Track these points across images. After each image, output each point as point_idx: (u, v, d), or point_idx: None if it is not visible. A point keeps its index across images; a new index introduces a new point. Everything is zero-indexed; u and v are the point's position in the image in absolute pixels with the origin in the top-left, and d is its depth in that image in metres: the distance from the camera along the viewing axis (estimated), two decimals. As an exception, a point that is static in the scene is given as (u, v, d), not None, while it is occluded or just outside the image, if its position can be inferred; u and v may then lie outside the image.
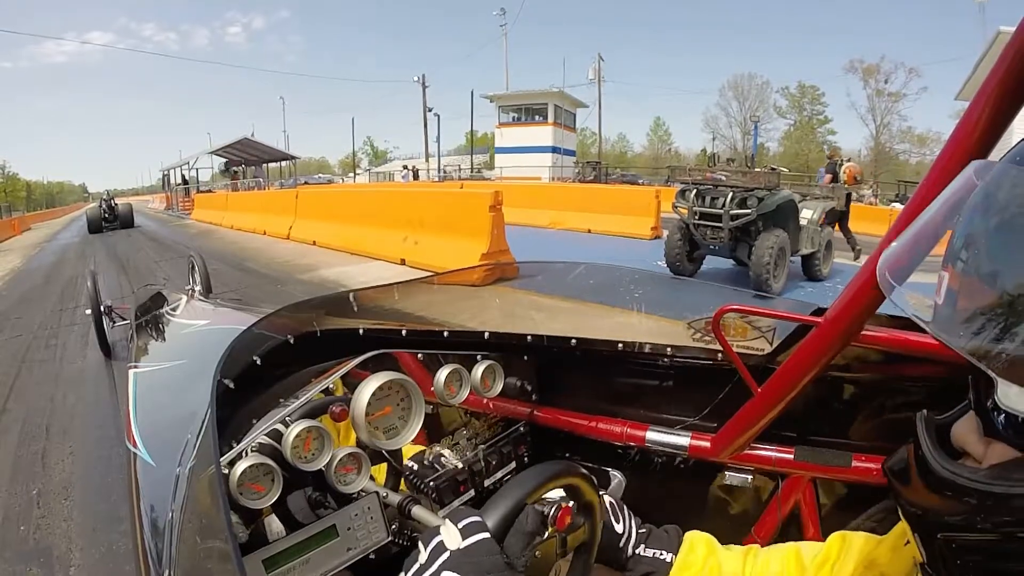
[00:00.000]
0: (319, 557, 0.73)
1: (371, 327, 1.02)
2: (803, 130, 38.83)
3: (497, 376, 1.03)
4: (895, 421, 0.86)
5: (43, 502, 2.13)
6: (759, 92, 39.31)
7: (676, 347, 1.00)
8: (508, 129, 27.23)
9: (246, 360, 0.85)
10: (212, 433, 0.61)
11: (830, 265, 6.44)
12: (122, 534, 1.87)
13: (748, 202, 5.20)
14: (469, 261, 5.58)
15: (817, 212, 6.00)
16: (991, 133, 0.52)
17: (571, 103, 28.47)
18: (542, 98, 26.44)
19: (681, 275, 5.55)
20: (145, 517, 0.68)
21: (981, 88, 0.51)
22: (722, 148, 37.61)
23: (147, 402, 1.08)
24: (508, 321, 1.27)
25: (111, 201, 15.78)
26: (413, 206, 7.27)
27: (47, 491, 2.21)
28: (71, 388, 3.24)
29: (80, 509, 2.09)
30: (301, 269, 6.89)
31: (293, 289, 5.72)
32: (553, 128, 26.13)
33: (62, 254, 11.03)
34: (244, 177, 25.40)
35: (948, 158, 0.55)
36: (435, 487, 0.93)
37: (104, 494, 2.13)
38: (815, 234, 5.99)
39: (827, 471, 0.87)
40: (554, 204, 11.21)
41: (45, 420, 2.83)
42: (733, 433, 0.88)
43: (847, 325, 0.70)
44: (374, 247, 7.13)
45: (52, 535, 1.93)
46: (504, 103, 27.34)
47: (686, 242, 5.79)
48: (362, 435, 0.80)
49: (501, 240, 6.02)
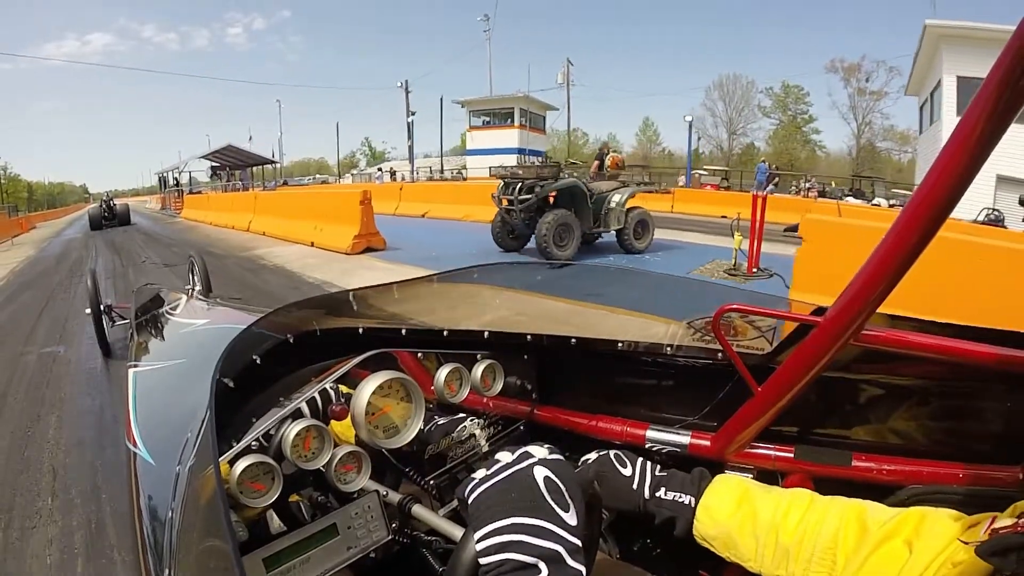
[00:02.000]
0: (319, 556, 0.73)
1: (371, 326, 1.03)
2: (788, 129, 39.05)
3: (497, 375, 1.03)
4: (894, 420, 0.86)
5: (63, 338, 4.63)
6: (744, 92, 39.78)
7: (676, 346, 1.00)
8: (478, 132, 28.65)
9: (246, 359, 0.85)
10: (211, 432, 0.61)
11: (648, 241, 7.99)
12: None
13: (534, 189, 6.81)
14: (347, 241, 7.95)
15: (624, 196, 7.53)
16: (991, 133, 0.52)
17: (539, 107, 29.82)
18: (509, 103, 28.06)
19: (510, 251, 7.52)
20: (145, 516, 0.68)
21: (981, 88, 0.51)
22: (710, 148, 38.35)
23: (147, 401, 1.08)
24: (508, 320, 1.27)
25: (110, 202, 17.88)
26: (317, 203, 10.16)
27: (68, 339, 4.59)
28: (79, 304, 5.48)
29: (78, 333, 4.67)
30: (243, 250, 9.26)
31: (229, 262, 7.89)
32: (519, 131, 27.67)
33: (67, 246, 13.13)
34: (229, 180, 27.76)
35: (949, 157, 0.55)
36: (435, 486, 0.93)
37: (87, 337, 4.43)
38: (621, 215, 7.47)
39: (827, 470, 0.87)
40: (431, 199, 14.26)
41: (65, 313, 5.58)
42: (733, 432, 0.88)
43: (847, 325, 0.70)
44: (298, 234, 9.57)
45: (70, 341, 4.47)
46: (474, 108, 28.81)
47: (505, 224, 7.46)
48: (362, 434, 0.80)
49: (370, 225, 8.20)
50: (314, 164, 56.95)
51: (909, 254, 0.61)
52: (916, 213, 0.59)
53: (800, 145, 38.25)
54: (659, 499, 0.75)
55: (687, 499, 0.73)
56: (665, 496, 0.74)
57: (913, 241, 0.60)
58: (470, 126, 29.21)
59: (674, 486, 0.75)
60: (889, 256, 0.63)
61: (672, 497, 0.74)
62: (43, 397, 3.19)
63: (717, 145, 40.25)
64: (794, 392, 0.79)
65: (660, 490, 0.75)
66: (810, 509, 0.66)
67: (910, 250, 0.61)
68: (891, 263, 0.63)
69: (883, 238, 0.63)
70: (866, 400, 0.89)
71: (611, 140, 39.19)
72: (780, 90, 38.92)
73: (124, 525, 1.85)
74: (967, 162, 0.54)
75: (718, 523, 0.70)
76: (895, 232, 0.62)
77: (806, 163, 33.80)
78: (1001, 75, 0.49)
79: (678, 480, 0.76)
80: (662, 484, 0.75)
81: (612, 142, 17.20)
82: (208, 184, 29.56)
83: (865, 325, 0.71)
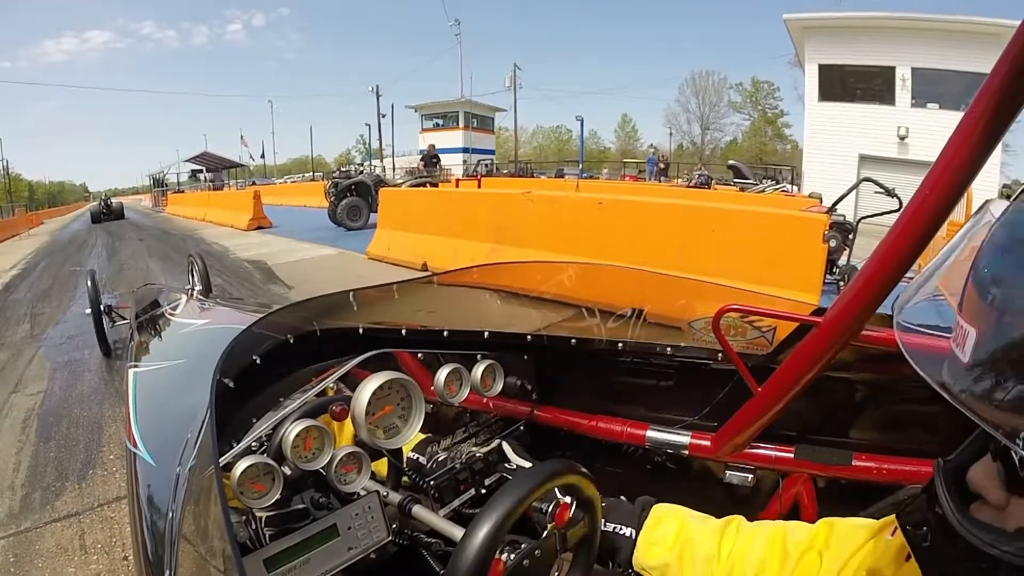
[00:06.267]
0: (320, 557, 0.73)
1: (371, 327, 1.02)
2: (758, 124, 39.19)
3: (497, 375, 1.03)
4: (894, 420, 0.87)
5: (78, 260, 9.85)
6: (716, 88, 39.83)
7: (676, 346, 1.00)
8: (429, 134, 31.15)
9: (246, 360, 0.84)
10: (212, 432, 0.61)
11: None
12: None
13: (338, 185, 10.20)
14: (244, 222, 11.96)
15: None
16: (992, 132, 0.52)
17: (485, 109, 32.89)
18: (454, 107, 31.25)
19: (352, 229, 9.69)
20: (145, 516, 0.68)
21: (982, 88, 0.51)
22: (683, 143, 39.13)
23: (147, 401, 1.07)
24: (508, 320, 1.27)
25: (108, 201, 22.37)
26: (231, 199, 16.22)
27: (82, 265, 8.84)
28: (83, 259, 9.65)
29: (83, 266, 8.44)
30: (189, 230, 13.63)
31: (174, 237, 12.68)
32: (463, 132, 30.76)
33: (74, 235, 17.01)
34: (206, 181, 31.79)
35: (950, 157, 0.55)
36: (435, 486, 0.93)
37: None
38: None
39: (827, 469, 0.87)
40: (302, 193, 20.49)
41: (77, 261, 9.69)
42: (733, 432, 0.88)
43: (847, 325, 0.70)
44: (223, 220, 13.89)
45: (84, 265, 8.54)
46: (425, 111, 31.98)
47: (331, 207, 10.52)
48: (362, 434, 0.80)
49: (260, 211, 12.12)
50: (309, 162, 57.45)
51: (910, 253, 0.61)
52: (917, 212, 0.59)
53: (769, 140, 38.22)
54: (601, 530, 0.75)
55: (628, 531, 0.75)
56: (606, 527, 0.76)
57: (913, 240, 0.60)
58: (422, 128, 32.12)
59: (615, 517, 0.77)
60: (889, 256, 0.63)
61: (612, 528, 0.76)
62: (71, 273, 8.22)
63: (690, 140, 40.43)
64: (794, 392, 0.79)
65: (601, 521, 0.76)
66: (738, 537, 0.69)
67: (911, 250, 0.61)
68: (891, 263, 0.63)
69: (883, 238, 0.63)
70: (866, 400, 0.89)
71: (593, 136, 40.46)
72: (750, 86, 39.13)
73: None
74: (968, 161, 0.54)
75: (657, 556, 0.73)
76: (895, 232, 0.61)
77: (780, 157, 33.54)
78: (1002, 75, 0.49)
79: (622, 511, 0.78)
80: (605, 514, 0.77)
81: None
82: (188, 184, 33.51)
83: (865, 325, 0.71)
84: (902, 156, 14.73)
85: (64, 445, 2.48)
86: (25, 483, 2.17)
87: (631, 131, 45.75)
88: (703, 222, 3.96)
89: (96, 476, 2.20)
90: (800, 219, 3.77)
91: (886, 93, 15.47)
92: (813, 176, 15.66)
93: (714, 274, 3.21)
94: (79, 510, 1.97)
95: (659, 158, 20.49)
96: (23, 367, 3.68)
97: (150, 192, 35.91)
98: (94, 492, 2.09)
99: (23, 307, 5.81)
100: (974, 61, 12.57)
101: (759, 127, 39.11)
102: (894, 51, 14.85)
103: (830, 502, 0.91)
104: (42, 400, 3.06)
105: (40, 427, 2.69)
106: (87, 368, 3.55)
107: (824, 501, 0.90)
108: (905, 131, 14.93)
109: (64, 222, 27.85)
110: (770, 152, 36.27)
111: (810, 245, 3.45)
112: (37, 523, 1.90)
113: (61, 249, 12.69)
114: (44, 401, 3.04)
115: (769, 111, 39.02)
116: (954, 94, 14.03)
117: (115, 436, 2.53)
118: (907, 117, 15.00)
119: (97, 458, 2.34)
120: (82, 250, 11.70)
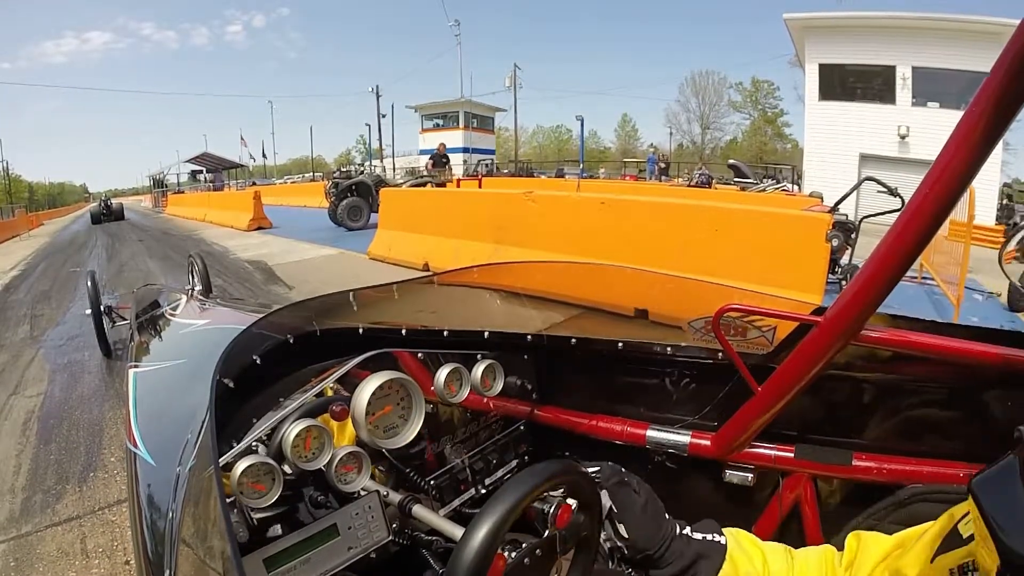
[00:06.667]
0: (320, 556, 0.73)
1: (371, 327, 1.02)
2: (758, 123, 39.18)
3: (497, 375, 1.03)
4: (895, 420, 0.86)
5: (78, 261, 9.98)
6: (716, 88, 39.82)
7: (676, 346, 1.00)
8: (429, 134, 31.35)
9: (246, 360, 0.84)
10: (212, 433, 0.61)
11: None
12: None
13: (339, 185, 10.27)
14: (244, 223, 11.91)
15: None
16: (993, 131, 0.52)
17: (485, 109, 32.77)
18: (454, 107, 31.09)
19: (353, 229, 9.71)
20: (145, 517, 0.68)
21: (982, 87, 0.51)
22: (683, 142, 39.19)
23: (147, 402, 1.07)
24: (508, 320, 1.27)
25: (108, 201, 22.15)
26: (232, 199, 16.12)
27: (81, 265, 8.97)
28: (83, 259, 9.89)
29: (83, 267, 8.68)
30: (189, 231, 13.84)
31: (174, 237, 12.84)
32: (463, 132, 30.64)
33: (74, 236, 17.19)
34: (206, 181, 31.80)
35: (951, 156, 0.55)
36: (436, 486, 0.93)
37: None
38: None
39: (827, 469, 0.87)
40: (302, 193, 20.44)
41: (77, 261, 9.93)
42: (733, 432, 0.88)
43: (847, 325, 0.70)
44: (223, 220, 13.91)
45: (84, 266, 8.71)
46: (425, 112, 31.97)
47: (332, 207, 10.57)
48: (363, 434, 0.80)
49: (260, 211, 12.09)
50: (309, 162, 57.55)
51: (910, 253, 0.61)
52: (918, 212, 0.59)
53: (769, 139, 38.18)
54: (688, 537, 0.71)
55: (721, 538, 0.70)
56: (694, 535, 0.70)
57: (914, 240, 0.60)
58: (422, 128, 32.15)
59: (701, 528, 0.72)
60: (890, 255, 0.62)
61: (701, 537, 0.70)
62: (71, 274, 8.20)
63: (691, 140, 40.41)
64: (794, 392, 0.79)
65: (686, 528, 0.72)
66: (796, 559, 0.69)
67: (911, 249, 0.61)
68: (892, 262, 0.63)
69: (884, 237, 0.63)
70: (866, 400, 0.89)
71: (593, 135, 40.52)
72: (750, 85, 39.11)
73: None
74: (968, 160, 0.54)
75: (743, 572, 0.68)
76: (896, 231, 0.61)
77: (780, 156, 33.51)
78: (1002, 74, 0.49)
79: (702, 522, 0.73)
80: (685, 524, 0.73)
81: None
82: (188, 185, 33.30)
83: (865, 325, 0.71)
84: (903, 155, 14.73)
85: (65, 447, 2.48)
86: (26, 486, 2.17)
87: (631, 131, 45.77)
88: (705, 222, 3.95)
89: (97, 479, 2.19)
90: (803, 219, 3.75)
91: (886, 92, 15.48)
92: (813, 175, 15.67)
93: (717, 274, 3.20)
94: (80, 513, 1.96)
95: (659, 157, 20.67)
96: (23, 369, 3.68)
97: (150, 193, 35.91)
98: (95, 495, 2.08)
99: (23, 308, 5.81)
100: (974, 60, 12.56)
101: (759, 126, 39.08)
102: (894, 50, 14.86)
103: (830, 501, 0.91)
104: (42, 402, 3.05)
105: (40, 429, 2.68)
106: (87, 369, 3.55)
107: (824, 501, 0.90)
108: (906, 130, 14.93)
109: (64, 223, 28.02)
110: (770, 151, 36.26)
111: (813, 245, 3.43)
112: (38, 527, 1.89)
113: (61, 250, 12.86)
114: (44, 403, 3.03)
115: (769, 111, 39.01)
116: (954, 93, 14.03)
117: (116, 438, 2.52)
118: (908, 116, 15.00)
119: (98, 461, 2.34)
120: (82, 251, 11.97)
